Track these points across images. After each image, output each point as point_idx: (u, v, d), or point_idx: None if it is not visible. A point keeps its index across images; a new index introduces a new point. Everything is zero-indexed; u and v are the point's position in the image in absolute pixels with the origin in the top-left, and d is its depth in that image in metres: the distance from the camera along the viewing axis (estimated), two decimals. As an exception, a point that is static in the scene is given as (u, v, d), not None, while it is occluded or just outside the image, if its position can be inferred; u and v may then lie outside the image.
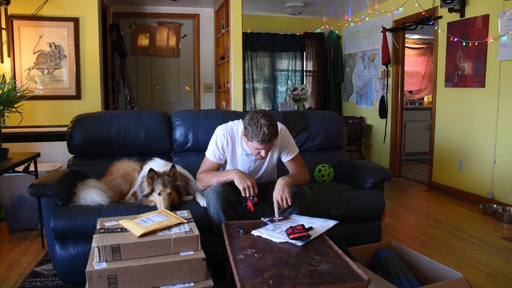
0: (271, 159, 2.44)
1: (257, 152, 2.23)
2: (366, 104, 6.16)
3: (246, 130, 2.18)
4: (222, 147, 2.36)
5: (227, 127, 2.40)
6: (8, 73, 3.82)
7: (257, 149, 2.20)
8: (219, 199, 2.21)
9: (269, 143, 2.15)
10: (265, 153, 2.21)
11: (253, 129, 2.11)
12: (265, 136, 2.10)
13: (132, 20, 5.78)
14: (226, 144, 2.35)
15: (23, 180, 3.16)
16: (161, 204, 2.27)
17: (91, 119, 2.88)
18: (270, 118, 2.13)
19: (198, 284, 1.79)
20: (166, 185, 2.29)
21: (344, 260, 1.65)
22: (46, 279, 2.45)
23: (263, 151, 2.20)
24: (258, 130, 2.10)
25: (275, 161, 2.48)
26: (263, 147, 2.16)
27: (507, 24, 3.71)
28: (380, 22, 5.59)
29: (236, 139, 2.37)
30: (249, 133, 2.15)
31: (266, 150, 2.20)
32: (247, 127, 2.16)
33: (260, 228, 1.99)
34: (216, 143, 2.37)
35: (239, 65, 4.71)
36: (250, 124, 2.14)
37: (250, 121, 2.14)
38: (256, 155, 2.26)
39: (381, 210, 2.71)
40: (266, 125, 2.10)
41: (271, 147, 2.23)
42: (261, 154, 2.22)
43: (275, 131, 2.15)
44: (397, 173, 5.57)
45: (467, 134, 4.29)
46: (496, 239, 3.16)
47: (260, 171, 2.47)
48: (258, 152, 2.23)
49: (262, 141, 2.11)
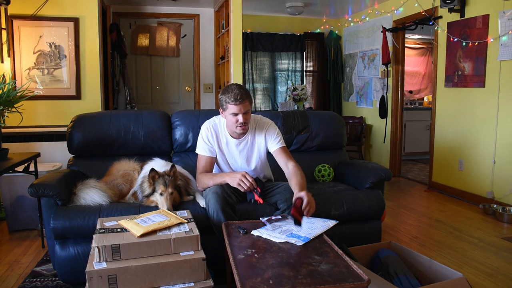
0: (258, 147, 2.47)
1: (235, 120, 2.29)
2: (366, 104, 6.16)
3: (221, 103, 2.32)
4: (208, 139, 2.45)
5: (210, 121, 2.52)
6: (8, 73, 3.82)
7: (234, 114, 2.27)
8: (218, 200, 2.21)
9: (242, 101, 2.25)
10: (242, 117, 2.27)
11: (226, 95, 2.28)
12: (236, 95, 2.23)
13: (132, 20, 5.78)
14: (211, 136, 2.45)
15: (23, 180, 3.16)
16: (164, 204, 2.26)
17: (91, 119, 2.88)
18: (240, 85, 2.32)
19: (198, 284, 1.79)
20: (168, 185, 2.29)
21: (344, 260, 1.65)
22: (46, 279, 2.45)
23: (240, 116, 2.27)
24: (229, 92, 2.26)
25: (264, 151, 2.49)
26: (238, 108, 2.25)
27: (507, 24, 3.71)
28: (380, 22, 5.59)
29: (219, 130, 2.46)
30: (223, 102, 2.30)
31: (243, 115, 2.27)
32: (220, 98, 2.31)
33: (260, 228, 1.99)
34: (202, 137, 2.47)
35: (239, 65, 4.72)
36: (223, 93, 2.31)
37: (221, 92, 2.32)
38: (237, 127, 2.31)
39: (381, 210, 2.71)
40: (237, 87, 2.28)
41: (246, 109, 2.29)
42: (240, 121, 2.28)
43: (245, 92, 2.28)
44: (397, 173, 5.57)
45: (467, 134, 4.29)
46: (496, 239, 3.16)
47: (251, 163, 2.48)
48: (236, 121, 2.29)
49: (235, 100, 2.23)
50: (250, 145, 2.47)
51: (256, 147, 2.48)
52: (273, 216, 2.15)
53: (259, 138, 2.47)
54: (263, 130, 2.47)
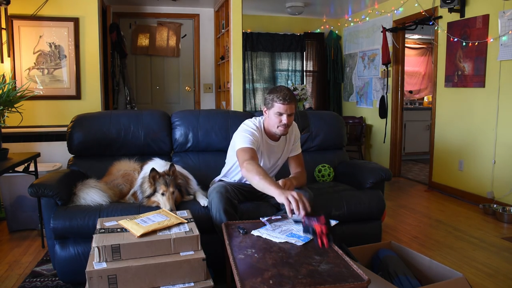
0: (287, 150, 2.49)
1: (279, 120, 2.27)
2: (366, 104, 6.16)
3: (266, 101, 2.31)
4: (254, 133, 2.31)
5: (252, 119, 2.44)
6: (8, 73, 3.81)
7: (279, 113, 2.26)
8: (222, 199, 2.21)
9: (290, 102, 2.24)
10: (287, 119, 2.26)
11: (273, 94, 2.27)
12: (285, 95, 2.24)
13: (132, 20, 5.78)
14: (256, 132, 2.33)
15: (23, 180, 3.15)
16: (166, 204, 2.24)
17: (91, 119, 2.88)
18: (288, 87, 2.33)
19: (198, 284, 1.79)
20: (169, 184, 2.29)
21: (344, 260, 1.65)
22: (46, 279, 2.45)
23: (285, 116, 2.26)
24: (278, 92, 2.26)
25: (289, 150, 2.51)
26: (284, 108, 2.24)
27: (507, 24, 3.71)
28: (380, 22, 5.59)
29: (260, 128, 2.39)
30: (269, 101, 2.29)
31: (287, 116, 2.26)
32: (267, 98, 2.31)
33: (260, 228, 1.98)
34: (247, 131, 2.32)
35: (239, 65, 4.71)
36: (269, 93, 2.31)
37: (269, 92, 2.33)
38: (278, 127, 2.30)
39: (381, 210, 2.71)
40: (286, 88, 2.28)
41: (292, 111, 2.28)
42: (283, 122, 2.27)
43: (293, 95, 2.29)
44: (397, 173, 5.57)
45: (467, 134, 4.29)
46: (496, 239, 3.16)
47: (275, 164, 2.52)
48: (280, 121, 2.27)
49: (283, 99, 2.23)
50: (281, 148, 2.48)
51: (285, 151, 2.50)
52: (273, 216, 2.15)
53: (289, 142, 2.50)
54: (292, 135, 2.51)
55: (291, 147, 2.51)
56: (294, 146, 2.52)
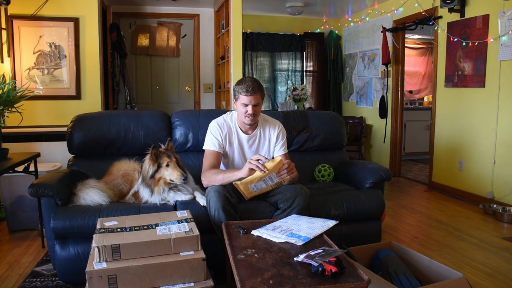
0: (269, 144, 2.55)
1: (245, 111, 2.37)
2: (366, 104, 6.16)
3: (234, 93, 2.42)
4: (216, 134, 2.50)
5: (219, 118, 2.57)
6: (8, 73, 3.82)
7: (244, 104, 2.36)
8: (220, 198, 2.21)
9: (253, 93, 2.33)
10: (252, 109, 2.34)
11: (238, 85, 2.38)
12: (248, 86, 2.33)
13: (132, 20, 5.78)
14: (220, 131, 2.50)
15: (23, 180, 3.15)
16: (173, 173, 2.33)
17: (91, 119, 2.88)
18: (254, 78, 2.42)
19: (198, 284, 1.79)
20: (171, 155, 2.37)
21: (344, 260, 1.65)
22: (46, 279, 2.45)
23: (250, 107, 2.35)
24: (242, 84, 2.36)
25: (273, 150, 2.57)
26: (248, 99, 2.34)
27: (507, 24, 3.71)
28: (380, 22, 5.59)
29: (231, 126, 2.52)
30: (236, 93, 2.39)
31: (252, 106, 2.35)
32: (234, 89, 2.41)
33: (260, 228, 1.98)
34: (210, 132, 2.52)
35: (239, 65, 4.72)
36: (236, 84, 2.41)
37: (236, 83, 2.42)
38: (246, 117, 2.39)
39: (381, 210, 2.71)
40: (250, 79, 2.37)
41: (257, 101, 2.37)
42: (249, 112, 2.35)
43: (258, 84, 2.38)
44: (397, 173, 5.57)
45: (467, 134, 4.29)
46: (496, 239, 3.16)
47: None
48: (246, 111, 2.37)
49: (246, 91, 2.32)
50: (260, 141, 2.55)
51: (267, 144, 2.56)
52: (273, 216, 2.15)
53: (271, 136, 2.56)
54: (276, 130, 2.56)
55: (273, 145, 2.56)
56: (278, 144, 2.56)
